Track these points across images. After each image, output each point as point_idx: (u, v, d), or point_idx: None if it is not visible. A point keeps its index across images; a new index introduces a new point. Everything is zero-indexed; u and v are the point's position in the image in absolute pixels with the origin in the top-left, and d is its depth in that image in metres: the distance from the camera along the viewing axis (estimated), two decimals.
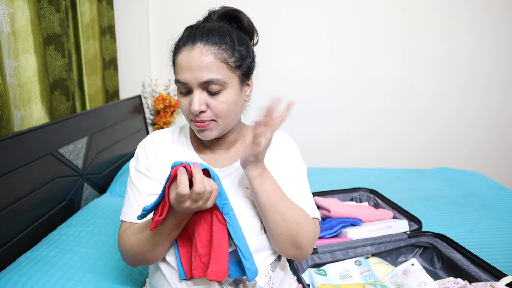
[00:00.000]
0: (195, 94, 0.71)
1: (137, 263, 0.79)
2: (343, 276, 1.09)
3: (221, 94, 0.72)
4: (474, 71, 2.32)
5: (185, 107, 0.74)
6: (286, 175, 0.82)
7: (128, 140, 2.02)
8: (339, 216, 1.35)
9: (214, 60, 0.70)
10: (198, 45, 0.70)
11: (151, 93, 2.32)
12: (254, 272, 0.69)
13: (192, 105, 0.71)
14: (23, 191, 1.16)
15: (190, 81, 0.71)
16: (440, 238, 1.20)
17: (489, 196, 1.70)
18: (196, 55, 0.70)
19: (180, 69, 0.72)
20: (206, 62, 0.70)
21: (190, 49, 0.71)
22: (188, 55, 0.71)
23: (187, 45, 0.72)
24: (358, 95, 2.39)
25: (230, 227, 0.68)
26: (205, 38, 0.71)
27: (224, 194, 0.68)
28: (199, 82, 0.70)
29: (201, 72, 0.70)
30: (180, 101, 0.75)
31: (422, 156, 2.48)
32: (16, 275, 0.94)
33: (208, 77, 0.70)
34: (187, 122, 0.81)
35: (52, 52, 1.45)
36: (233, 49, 0.73)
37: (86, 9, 1.77)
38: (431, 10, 2.23)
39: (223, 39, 0.72)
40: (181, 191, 0.60)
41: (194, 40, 0.71)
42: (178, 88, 0.75)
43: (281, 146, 0.86)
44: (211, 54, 0.70)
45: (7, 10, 1.21)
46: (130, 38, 2.22)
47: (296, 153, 0.87)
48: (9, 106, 1.18)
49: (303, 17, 2.27)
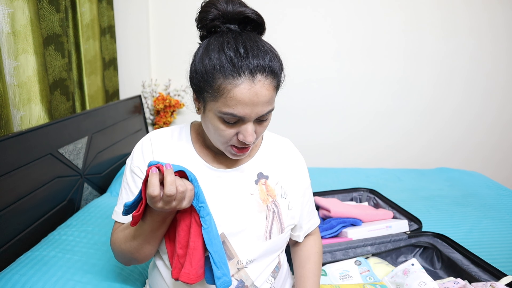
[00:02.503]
0: (250, 126, 0.68)
1: (127, 262, 0.78)
2: (343, 276, 1.09)
3: (268, 118, 0.71)
4: (475, 71, 2.32)
5: (227, 135, 0.69)
6: (295, 188, 0.82)
7: (128, 140, 2.02)
8: (339, 216, 1.34)
9: (273, 93, 0.68)
10: (259, 78, 0.64)
11: (151, 93, 2.32)
12: (224, 283, 0.65)
13: (246, 137, 0.68)
14: (23, 191, 1.16)
15: (250, 116, 0.66)
16: (440, 238, 1.20)
17: (489, 196, 1.70)
18: (259, 89, 0.64)
19: (237, 103, 0.64)
20: (268, 97, 0.66)
21: (251, 83, 0.64)
22: (249, 90, 0.64)
23: (244, 75, 0.63)
24: (359, 96, 2.39)
25: (204, 231, 0.65)
26: (262, 68, 0.64)
27: (202, 196, 0.65)
28: (261, 115, 0.67)
29: (263, 107, 0.66)
30: (220, 128, 0.69)
31: (422, 156, 2.48)
32: (16, 275, 0.94)
33: (268, 109, 0.68)
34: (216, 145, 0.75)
35: (52, 52, 1.45)
36: (281, 71, 0.70)
37: (86, 9, 1.77)
38: (432, 10, 2.23)
39: (277, 63, 0.67)
40: (150, 192, 0.59)
41: (253, 72, 0.64)
42: (223, 118, 0.67)
43: (288, 156, 0.85)
44: (271, 89, 0.66)
45: (7, 10, 1.20)
46: (130, 38, 2.22)
47: (304, 165, 0.88)
48: (8, 106, 1.18)
49: (304, 17, 2.27)
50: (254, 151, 0.83)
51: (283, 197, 0.80)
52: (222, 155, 0.80)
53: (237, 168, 0.80)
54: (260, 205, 0.77)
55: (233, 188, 0.78)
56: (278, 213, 0.78)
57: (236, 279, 0.75)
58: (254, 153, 0.82)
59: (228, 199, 0.76)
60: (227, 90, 0.64)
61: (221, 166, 0.79)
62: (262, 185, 0.79)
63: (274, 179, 0.80)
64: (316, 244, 0.91)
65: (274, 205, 0.78)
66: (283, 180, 0.81)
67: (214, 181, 0.77)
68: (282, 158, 0.84)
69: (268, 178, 0.80)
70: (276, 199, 0.79)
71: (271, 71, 0.66)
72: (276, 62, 0.68)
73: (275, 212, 0.78)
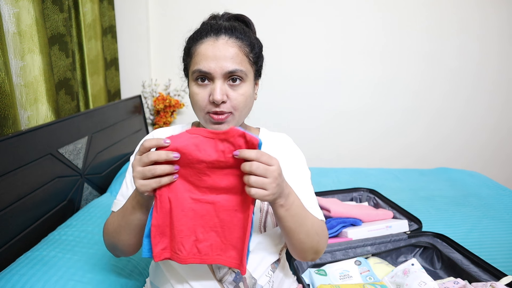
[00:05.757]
0: (217, 84, 0.72)
1: (111, 249, 0.79)
2: (343, 276, 1.09)
3: (241, 86, 0.74)
4: (478, 73, 2.32)
5: (201, 98, 0.73)
6: (293, 180, 0.81)
7: (128, 140, 2.02)
8: (339, 216, 1.35)
9: (239, 52, 0.73)
10: (223, 37, 0.73)
11: (151, 93, 2.32)
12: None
13: (214, 95, 0.71)
14: (23, 191, 1.16)
15: (214, 70, 0.71)
16: (440, 238, 1.20)
17: (489, 196, 1.70)
18: (221, 45, 0.72)
19: (203, 58, 0.72)
20: (232, 53, 0.72)
21: (215, 40, 0.73)
22: (213, 45, 0.72)
23: (209, 36, 0.73)
24: (358, 96, 2.39)
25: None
26: (229, 31, 0.73)
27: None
28: (224, 71, 0.71)
29: (227, 62, 0.71)
30: (195, 92, 0.74)
31: (422, 156, 2.48)
32: (16, 275, 0.94)
33: (233, 67, 0.72)
34: (198, 118, 0.79)
35: (57, 52, 1.45)
36: (252, 45, 0.76)
37: (88, 8, 1.77)
38: (435, 11, 2.23)
39: (245, 34, 0.75)
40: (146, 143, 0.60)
41: (218, 32, 0.73)
42: (195, 78, 0.74)
43: (286, 150, 0.86)
44: (236, 46, 0.73)
45: (12, 10, 1.20)
46: (130, 38, 2.22)
47: (302, 158, 0.87)
48: (15, 106, 1.18)
49: (298, 18, 2.27)
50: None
51: None
52: None
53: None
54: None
55: None
56: None
57: (233, 270, 0.76)
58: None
59: None
60: (195, 50, 0.75)
61: None
62: None
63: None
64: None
65: None
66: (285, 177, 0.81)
67: None
68: (279, 152, 0.83)
69: None
70: None
71: (238, 37, 0.74)
72: (248, 35, 0.76)
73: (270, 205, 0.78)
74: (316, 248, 0.75)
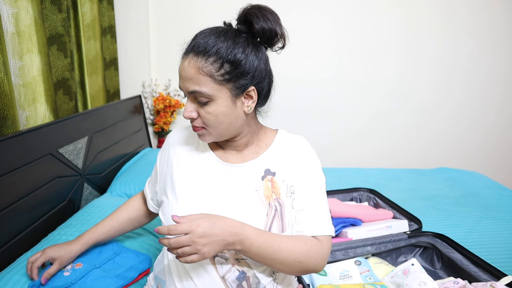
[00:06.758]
0: (187, 102, 0.76)
1: None
2: (343, 276, 1.09)
3: (209, 105, 0.73)
4: (474, 71, 2.32)
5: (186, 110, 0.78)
6: (303, 189, 0.80)
7: (128, 140, 2.02)
8: (339, 216, 1.34)
9: (197, 73, 0.71)
10: (190, 55, 0.72)
11: (151, 93, 2.32)
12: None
13: (184, 112, 0.76)
14: (23, 191, 1.16)
15: (183, 88, 0.75)
16: (440, 238, 1.20)
17: (489, 196, 1.70)
18: (185, 66, 0.72)
19: (179, 76, 0.76)
20: (191, 74, 0.72)
21: (184, 59, 0.73)
22: (182, 65, 0.74)
23: (184, 54, 0.74)
24: (359, 95, 2.39)
25: None
26: (195, 48, 0.72)
27: None
28: (187, 91, 0.74)
29: (187, 83, 0.72)
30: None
31: (422, 156, 2.48)
32: (16, 275, 0.94)
33: (192, 89, 0.72)
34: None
35: (55, 52, 1.45)
36: (222, 61, 0.70)
37: (87, 9, 1.77)
38: (431, 10, 2.23)
39: (210, 50, 0.70)
40: None
41: (187, 52, 0.73)
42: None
43: (301, 154, 0.83)
44: (195, 67, 0.71)
45: (11, 10, 1.20)
46: (130, 38, 2.22)
47: (317, 164, 0.84)
48: (14, 106, 1.18)
49: (304, 17, 2.27)
50: (263, 149, 0.83)
51: (288, 196, 0.79)
52: (231, 151, 0.84)
53: (246, 163, 0.82)
54: (263, 202, 0.78)
55: (240, 182, 0.80)
56: (280, 211, 0.78)
57: (237, 269, 0.76)
58: (263, 151, 0.83)
59: (233, 193, 0.79)
60: None
61: (230, 161, 0.83)
62: (268, 181, 0.80)
63: (281, 177, 0.80)
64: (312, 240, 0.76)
65: (278, 203, 0.78)
66: (291, 178, 0.80)
67: (223, 175, 0.81)
68: (293, 156, 0.82)
69: (275, 175, 0.80)
70: (281, 197, 0.79)
71: (201, 54, 0.70)
72: (216, 50, 0.70)
73: (277, 210, 0.78)
74: (304, 271, 0.75)
